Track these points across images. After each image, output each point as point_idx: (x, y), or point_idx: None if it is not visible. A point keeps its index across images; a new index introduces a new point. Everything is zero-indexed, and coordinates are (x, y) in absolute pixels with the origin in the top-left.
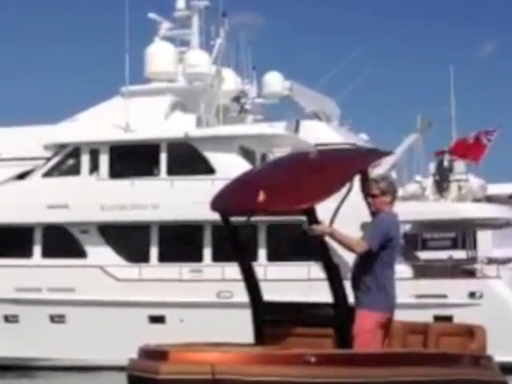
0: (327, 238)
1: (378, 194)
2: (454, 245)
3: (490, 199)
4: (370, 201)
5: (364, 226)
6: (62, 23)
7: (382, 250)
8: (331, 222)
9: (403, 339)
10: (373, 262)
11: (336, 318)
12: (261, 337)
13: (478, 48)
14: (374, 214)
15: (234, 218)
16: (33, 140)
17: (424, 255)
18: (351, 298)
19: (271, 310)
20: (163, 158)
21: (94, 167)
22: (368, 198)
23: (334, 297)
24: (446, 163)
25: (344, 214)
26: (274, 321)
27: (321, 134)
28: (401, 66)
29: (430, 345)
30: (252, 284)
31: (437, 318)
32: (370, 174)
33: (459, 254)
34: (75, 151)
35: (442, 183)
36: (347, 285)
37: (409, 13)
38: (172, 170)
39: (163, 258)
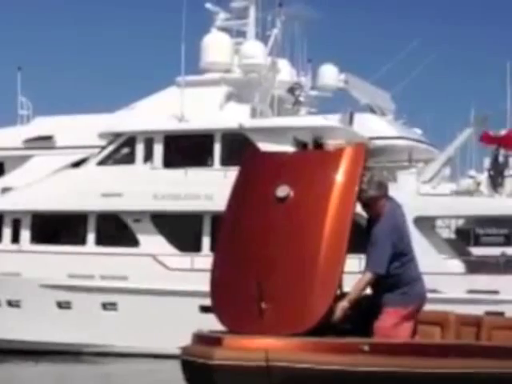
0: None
1: (370, 203)
2: (508, 241)
3: None
4: (365, 209)
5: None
6: (122, 14)
7: (393, 258)
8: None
9: (456, 331)
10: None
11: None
12: None
13: None
14: (372, 216)
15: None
16: (88, 128)
17: (476, 251)
18: None
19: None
20: (217, 148)
21: (149, 156)
22: (362, 206)
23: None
24: (501, 158)
25: None
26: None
27: (375, 127)
28: (456, 61)
29: (483, 337)
30: None
31: (488, 314)
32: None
33: None
34: (130, 140)
35: (496, 178)
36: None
37: (464, 7)
38: (226, 161)
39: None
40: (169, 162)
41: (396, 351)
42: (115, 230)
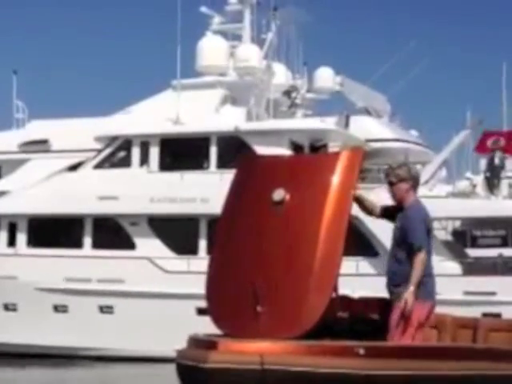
0: None
1: (394, 182)
2: (504, 242)
3: None
4: (389, 189)
5: None
6: (117, 17)
7: None
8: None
9: (453, 333)
10: (413, 256)
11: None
12: None
13: None
14: (397, 204)
15: None
16: (84, 132)
17: (473, 252)
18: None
19: None
20: (213, 151)
21: (145, 160)
22: (388, 186)
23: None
24: (497, 160)
25: None
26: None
27: (371, 129)
28: (452, 62)
29: (479, 340)
30: None
31: (485, 316)
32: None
33: (509, 252)
34: (126, 143)
35: (492, 180)
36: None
37: (460, 9)
38: (221, 164)
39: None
40: (165, 165)
41: (392, 354)
42: (112, 233)
